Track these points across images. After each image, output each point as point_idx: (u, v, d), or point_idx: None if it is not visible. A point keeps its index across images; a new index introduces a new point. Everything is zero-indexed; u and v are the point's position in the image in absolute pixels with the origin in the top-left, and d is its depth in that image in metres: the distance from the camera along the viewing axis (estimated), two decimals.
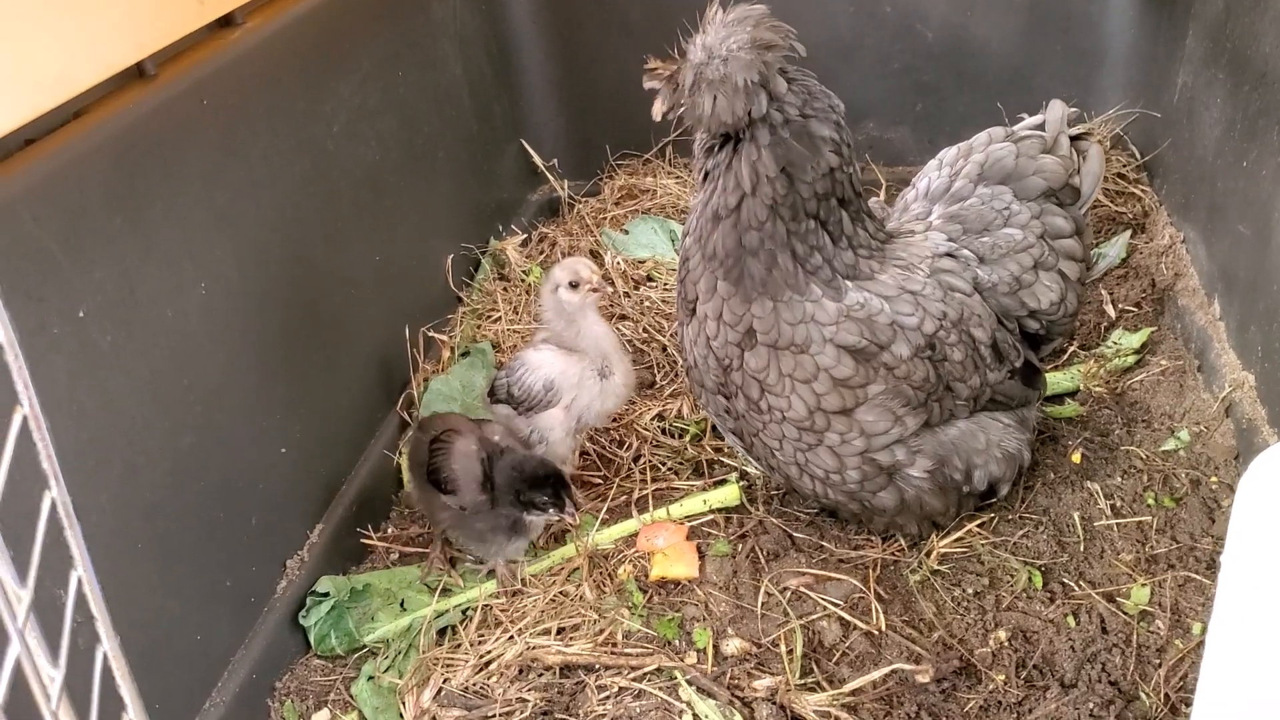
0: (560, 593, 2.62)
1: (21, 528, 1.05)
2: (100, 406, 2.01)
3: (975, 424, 2.53)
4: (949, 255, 2.48)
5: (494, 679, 2.41)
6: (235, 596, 2.43)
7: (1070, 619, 2.41)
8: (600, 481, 2.99)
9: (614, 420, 3.12)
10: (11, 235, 1.84)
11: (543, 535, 2.77)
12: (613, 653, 2.41)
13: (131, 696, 1.19)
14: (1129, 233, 3.67)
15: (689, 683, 2.29)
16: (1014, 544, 2.62)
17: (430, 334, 3.38)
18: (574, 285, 2.81)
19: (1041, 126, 2.63)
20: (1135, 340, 3.24)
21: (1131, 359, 3.19)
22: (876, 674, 2.28)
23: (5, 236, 1.83)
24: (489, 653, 2.47)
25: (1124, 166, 3.95)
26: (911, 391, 2.38)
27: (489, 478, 2.62)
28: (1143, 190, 3.84)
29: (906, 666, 2.29)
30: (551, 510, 2.62)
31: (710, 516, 2.80)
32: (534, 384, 2.84)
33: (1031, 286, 2.54)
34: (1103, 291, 3.46)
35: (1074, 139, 2.63)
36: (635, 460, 3.05)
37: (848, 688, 2.27)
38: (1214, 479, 2.73)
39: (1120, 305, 3.41)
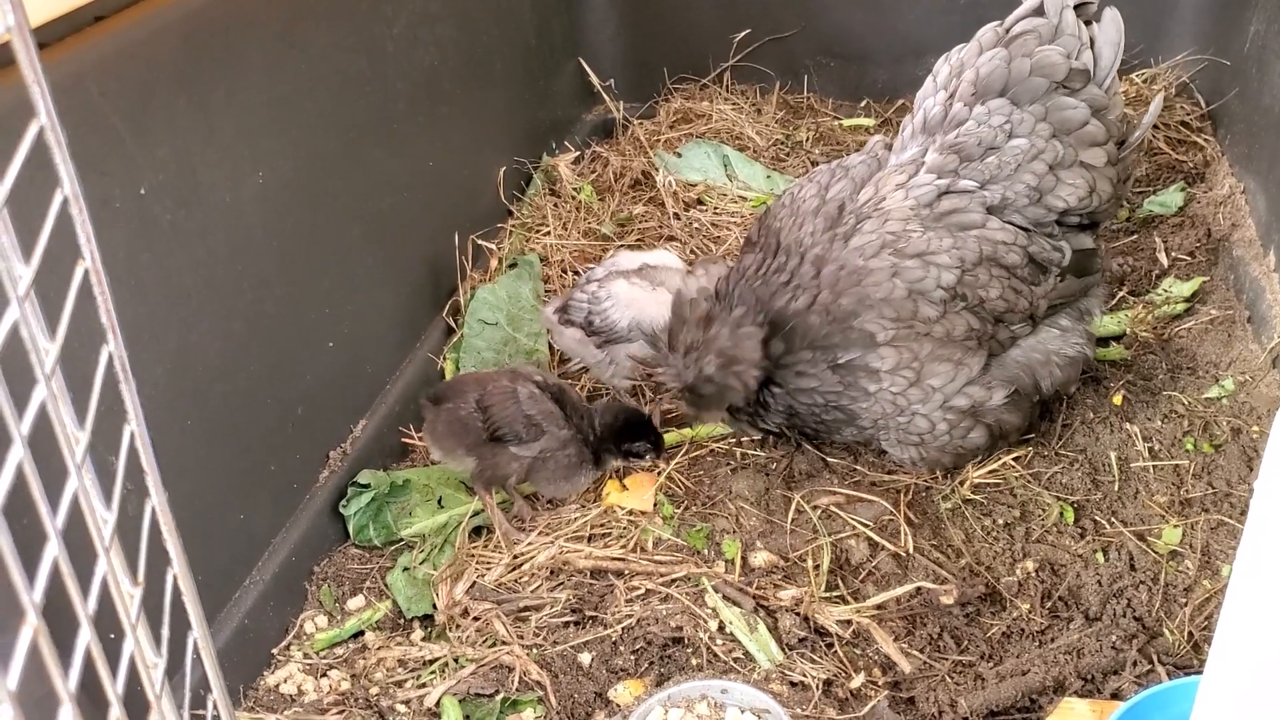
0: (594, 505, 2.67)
1: (80, 382, 1.09)
2: (158, 283, 2.06)
3: (1035, 337, 2.53)
4: (949, 193, 2.42)
5: (525, 579, 2.47)
6: (278, 481, 2.49)
7: (1099, 555, 2.42)
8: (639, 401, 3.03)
9: None
10: (78, 107, 1.88)
11: None
12: (643, 559, 2.46)
13: (176, 550, 1.23)
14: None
15: (715, 589, 2.33)
16: (1048, 479, 2.62)
17: (479, 242, 3.41)
18: None
19: (1041, 9, 2.49)
20: (1186, 289, 3.21)
21: (1181, 307, 3.15)
22: (900, 590, 2.31)
23: (72, 107, 1.86)
24: (522, 554, 2.53)
25: (1188, 115, 3.88)
26: (955, 345, 2.39)
27: (568, 412, 2.60)
28: (1205, 139, 3.77)
29: (930, 585, 2.32)
30: (649, 456, 2.65)
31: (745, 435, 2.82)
32: (619, 320, 2.87)
33: (1054, 189, 2.45)
34: (1156, 239, 3.42)
35: (1078, 7, 2.49)
36: None
37: (871, 602, 2.31)
38: (1256, 428, 2.71)
39: (1174, 254, 3.37)
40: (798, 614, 2.30)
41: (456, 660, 2.29)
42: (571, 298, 2.96)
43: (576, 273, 3.40)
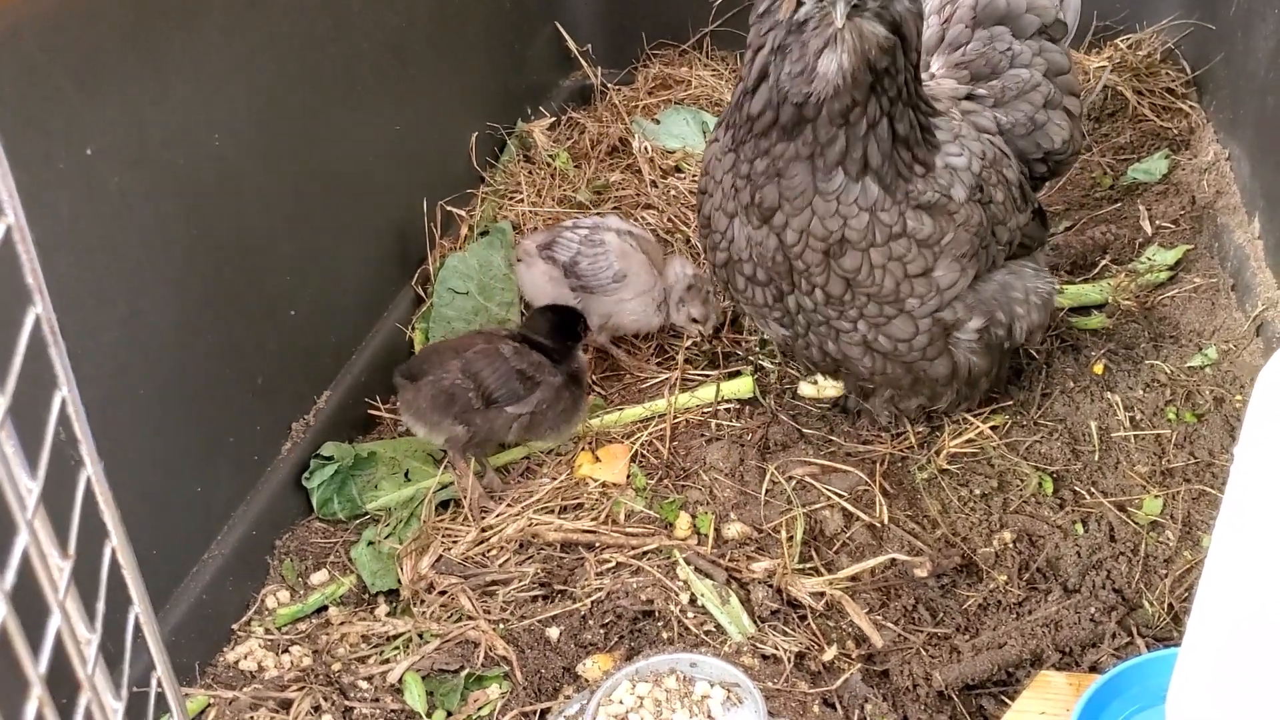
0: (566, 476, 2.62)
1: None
2: (104, 248, 1.99)
3: (1010, 273, 2.50)
4: (969, 98, 2.46)
5: (494, 552, 2.42)
6: (238, 454, 2.43)
7: (1078, 525, 2.38)
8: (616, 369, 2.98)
9: None
10: (17, 62, 1.80)
11: None
12: (614, 531, 2.41)
13: (114, 522, 1.17)
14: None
15: (687, 562, 2.28)
16: (1026, 448, 2.58)
17: (450, 209, 3.33)
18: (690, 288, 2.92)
19: None
20: (1170, 257, 3.16)
21: (1164, 275, 3.10)
22: (874, 561, 2.27)
23: (10, 63, 1.78)
24: (490, 526, 2.47)
25: (1173, 81, 3.82)
26: (969, 237, 2.33)
27: (556, 353, 2.64)
28: (1190, 106, 3.71)
29: (904, 557, 2.28)
30: (585, 334, 2.76)
31: (722, 405, 2.77)
32: (605, 269, 2.83)
33: (1045, 126, 2.54)
34: (1140, 207, 3.36)
35: None
36: (653, 350, 3.03)
37: (844, 573, 2.26)
38: (1239, 397, 2.66)
39: (1158, 222, 3.31)
40: (770, 586, 2.25)
41: (421, 636, 2.24)
42: (559, 235, 2.90)
43: None
